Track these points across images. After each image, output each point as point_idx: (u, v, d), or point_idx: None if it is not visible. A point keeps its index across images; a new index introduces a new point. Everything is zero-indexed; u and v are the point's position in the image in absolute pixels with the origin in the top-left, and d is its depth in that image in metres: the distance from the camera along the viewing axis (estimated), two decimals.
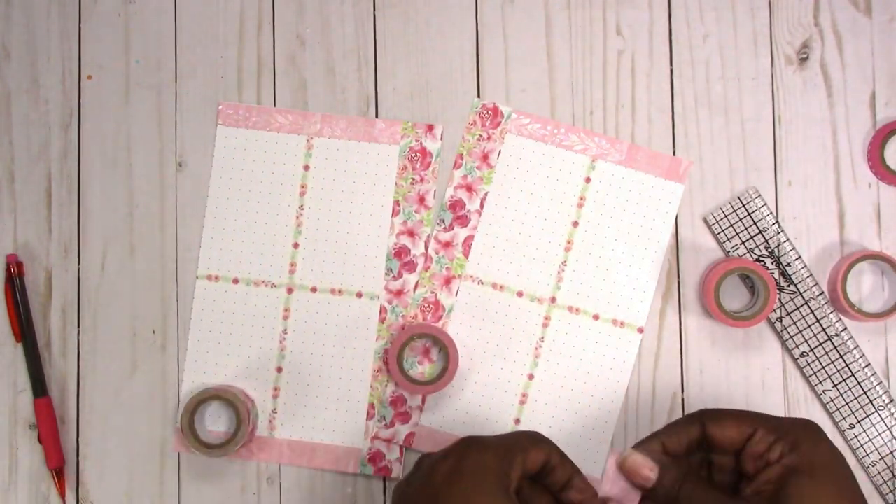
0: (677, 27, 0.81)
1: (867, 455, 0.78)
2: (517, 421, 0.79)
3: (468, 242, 0.80)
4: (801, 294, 0.78)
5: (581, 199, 0.80)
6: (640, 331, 0.79)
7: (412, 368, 0.79)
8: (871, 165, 0.80)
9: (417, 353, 0.79)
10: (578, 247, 0.79)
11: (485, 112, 0.80)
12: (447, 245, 0.80)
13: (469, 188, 0.80)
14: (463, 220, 0.80)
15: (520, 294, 0.80)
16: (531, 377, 0.79)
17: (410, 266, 0.80)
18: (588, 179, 0.80)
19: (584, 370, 0.79)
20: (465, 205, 0.80)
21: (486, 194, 0.80)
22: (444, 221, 0.80)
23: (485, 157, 0.80)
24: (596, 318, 0.79)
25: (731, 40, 0.81)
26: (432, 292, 0.80)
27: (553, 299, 0.79)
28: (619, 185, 0.80)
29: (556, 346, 0.79)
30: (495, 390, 0.79)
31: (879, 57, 0.81)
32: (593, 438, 0.79)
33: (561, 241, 0.79)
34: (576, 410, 0.79)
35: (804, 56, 0.81)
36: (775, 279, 0.78)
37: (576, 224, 0.80)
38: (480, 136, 0.80)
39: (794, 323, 0.78)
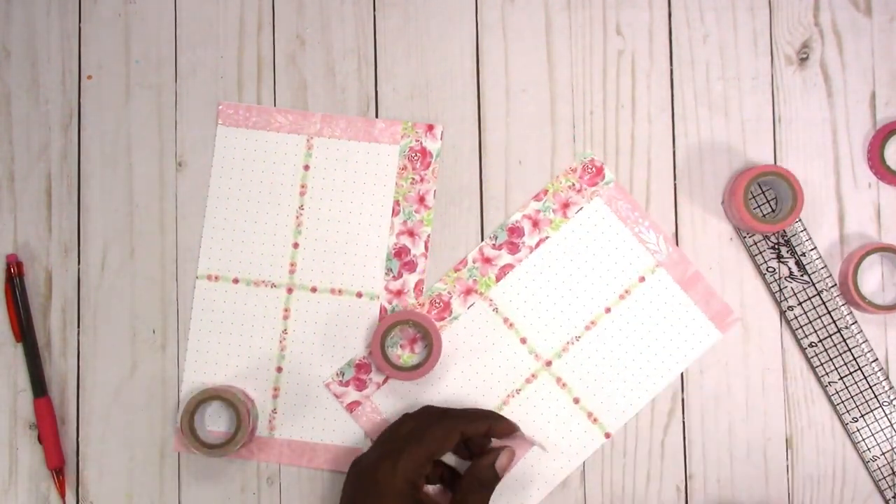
0: (677, 27, 0.81)
1: (868, 450, 0.78)
2: None
3: (506, 270, 0.79)
4: (813, 284, 0.78)
5: (626, 292, 0.79)
6: (608, 436, 0.79)
7: (393, 349, 0.79)
8: (871, 165, 0.80)
9: (403, 339, 0.79)
10: (599, 332, 0.79)
11: (589, 166, 0.80)
12: (487, 261, 0.79)
13: (535, 223, 0.80)
14: (513, 248, 0.80)
15: (523, 341, 0.79)
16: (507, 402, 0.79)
17: (410, 266, 0.80)
18: (642, 279, 0.79)
19: (538, 438, 0.79)
20: (523, 235, 0.80)
21: (547, 238, 0.80)
22: (496, 238, 0.80)
23: (565, 206, 0.80)
24: (576, 401, 0.79)
25: (731, 40, 0.81)
26: (449, 293, 0.79)
27: (549, 363, 0.79)
28: (665, 302, 0.79)
29: (526, 404, 0.79)
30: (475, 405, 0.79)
31: (879, 57, 0.81)
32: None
33: (587, 319, 0.79)
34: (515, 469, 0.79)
35: (804, 56, 0.81)
36: (789, 268, 0.78)
37: (608, 311, 0.79)
38: (573, 185, 0.80)
39: (805, 313, 0.79)
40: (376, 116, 0.81)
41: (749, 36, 0.81)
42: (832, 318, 0.78)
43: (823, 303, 0.79)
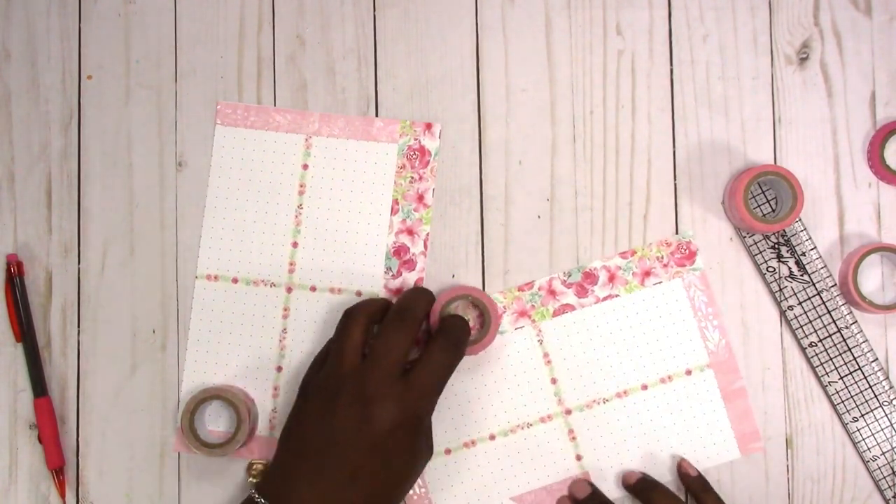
0: (677, 27, 0.81)
1: (868, 450, 0.78)
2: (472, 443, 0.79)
3: (566, 309, 0.79)
4: (813, 284, 0.78)
5: (669, 378, 0.78)
6: None
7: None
8: (871, 165, 0.80)
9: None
10: (627, 404, 0.78)
11: (684, 247, 0.79)
12: (552, 293, 0.79)
13: (612, 278, 0.79)
14: (582, 292, 0.79)
15: (553, 381, 0.79)
16: (492, 438, 0.79)
17: (409, 265, 0.80)
18: (689, 372, 0.79)
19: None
20: (596, 283, 0.79)
21: (617, 296, 0.79)
22: (569, 276, 0.79)
23: (646, 274, 0.79)
24: (578, 458, 0.78)
25: (731, 40, 0.81)
26: (504, 308, 0.79)
27: (568, 412, 0.79)
28: (701, 403, 0.78)
29: (531, 441, 0.78)
30: (465, 427, 0.79)
31: (879, 57, 0.81)
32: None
33: (621, 387, 0.78)
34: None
35: (804, 56, 0.81)
36: (789, 268, 0.78)
37: (645, 388, 0.79)
38: (661, 258, 0.79)
39: (805, 313, 0.78)
40: (376, 116, 0.81)
41: (749, 36, 0.81)
42: (832, 317, 0.78)
43: (823, 303, 0.78)
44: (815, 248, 0.79)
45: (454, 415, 0.79)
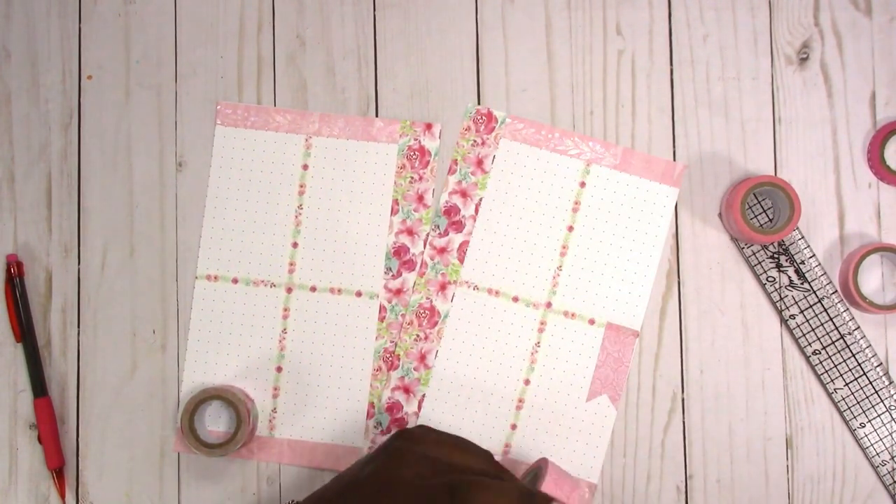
0: (677, 27, 0.81)
1: (877, 455, 0.78)
2: (513, 426, 0.79)
3: (463, 248, 0.80)
4: (814, 292, 0.78)
5: (576, 203, 0.79)
6: (636, 335, 0.79)
7: None
8: (871, 165, 0.80)
9: None
10: (574, 251, 0.79)
11: (479, 117, 0.80)
12: (442, 251, 0.80)
13: (464, 194, 0.80)
14: (458, 226, 0.80)
15: (515, 299, 0.79)
16: (527, 382, 0.79)
17: (409, 265, 0.80)
18: (583, 184, 0.79)
19: (580, 374, 0.79)
20: (459, 210, 0.80)
21: (480, 200, 0.80)
22: (438, 227, 0.80)
23: (479, 163, 0.80)
24: (592, 322, 0.79)
25: (731, 40, 0.81)
26: (427, 298, 0.80)
27: (549, 304, 0.79)
28: (613, 190, 0.79)
29: (552, 351, 0.79)
30: (491, 396, 0.79)
31: (879, 57, 0.81)
32: (590, 443, 0.78)
33: (556, 246, 0.79)
34: (572, 416, 0.79)
35: (804, 56, 0.81)
36: (789, 277, 0.78)
37: (571, 229, 0.79)
38: (475, 141, 0.80)
39: (808, 321, 0.78)
40: (376, 116, 0.81)
41: (749, 36, 0.81)
42: (834, 324, 0.78)
43: (825, 310, 0.78)
44: (813, 255, 0.79)
45: (486, 402, 0.79)
